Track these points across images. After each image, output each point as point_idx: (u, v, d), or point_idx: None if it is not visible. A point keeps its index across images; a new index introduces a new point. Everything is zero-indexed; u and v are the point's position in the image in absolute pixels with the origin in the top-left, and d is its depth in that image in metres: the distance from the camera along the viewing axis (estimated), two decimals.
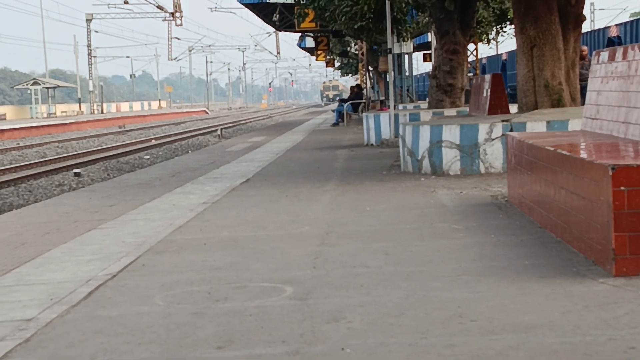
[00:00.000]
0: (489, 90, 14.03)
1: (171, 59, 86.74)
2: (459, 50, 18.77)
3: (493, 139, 10.62)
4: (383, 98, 35.96)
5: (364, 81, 44.80)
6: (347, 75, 76.40)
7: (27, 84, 70.80)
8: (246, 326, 4.10)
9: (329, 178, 11.32)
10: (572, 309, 4.11)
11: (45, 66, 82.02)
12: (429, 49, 32.06)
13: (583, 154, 5.56)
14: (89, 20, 73.91)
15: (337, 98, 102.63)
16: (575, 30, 12.51)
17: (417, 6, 21.70)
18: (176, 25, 66.88)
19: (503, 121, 10.70)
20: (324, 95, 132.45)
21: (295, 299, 4.61)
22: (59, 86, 74.31)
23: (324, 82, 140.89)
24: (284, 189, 10.24)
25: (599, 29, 33.22)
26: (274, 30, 52.96)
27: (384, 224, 7.10)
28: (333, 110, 36.53)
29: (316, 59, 52.01)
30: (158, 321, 4.29)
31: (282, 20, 37.24)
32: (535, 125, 10.43)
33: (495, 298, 4.39)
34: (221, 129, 35.26)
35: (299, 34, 45.21)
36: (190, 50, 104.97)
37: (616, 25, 30.15)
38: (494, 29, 28.35)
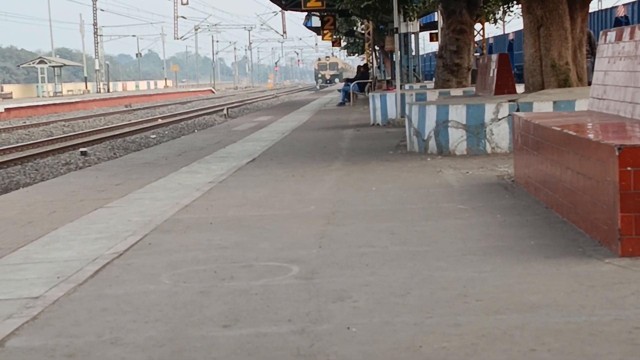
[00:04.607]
0: (495, 70, 13.98)
1: (177, 38, 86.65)
2: (466, 29, 18.69)
3: (499, 119, 10.60)
4: (389, 78, 35.85)
5: (371, 61, 44.66)
6: (353, 55, 76.01)
7: (33, 63, 70.89)
8: (252, 305, 4.12)
9: (335, 158, 11.32)
10: (578, 289, 4.11)
11: (51, 45, 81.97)
12: (436, 28, 31.95)
13: (589, 134, 5.54)
14: None
15: (337, 79, 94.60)
16: (583, 10, 12.45)
17: None
18: (182, 4, 66.78)
19: (510, 101, 10.67)
20: (319, 75, 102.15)
21: (301, 278, 4.62)
22: (65, 65, 74.35)
23: (318, 60, 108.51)
24: (290, 168, 10.24)
25: (606, 9, 33.05)
26: (280, 9, 52.74)
27: (390, 204, 7.10)
28: (339, 90, 36.46)
29: (322, 39, 51.77)
30: (164, 300, 4.30)
31: None
32: (542, 105, 10.39)
33: (501, 278, 4.40)
34: (227, 109, 35.24)
35: (305, 13, 45.03)
36: (196, 30, 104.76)
37: (623, 5, 29.99)
38: (501, 8, 28.21)
